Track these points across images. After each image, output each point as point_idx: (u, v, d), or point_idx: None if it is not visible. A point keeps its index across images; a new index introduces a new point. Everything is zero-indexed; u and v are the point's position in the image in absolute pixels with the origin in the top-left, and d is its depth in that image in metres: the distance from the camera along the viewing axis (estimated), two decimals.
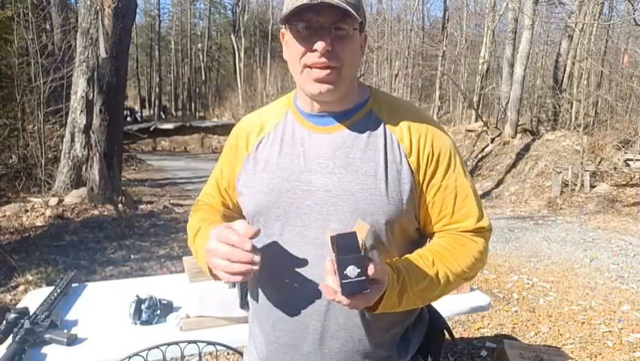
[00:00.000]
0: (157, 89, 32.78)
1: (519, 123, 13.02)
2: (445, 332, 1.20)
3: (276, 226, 1.02)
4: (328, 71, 0.94)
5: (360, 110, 1.05)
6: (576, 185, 9.18)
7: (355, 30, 0.96)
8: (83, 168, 7.50)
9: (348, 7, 0.90)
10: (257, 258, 0.87)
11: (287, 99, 1.12)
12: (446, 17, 18.60)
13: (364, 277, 0.81)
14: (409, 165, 1.01)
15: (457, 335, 3.37)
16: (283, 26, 0.98)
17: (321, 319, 1.01)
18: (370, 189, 0.99)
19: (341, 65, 0.95)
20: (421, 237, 1.11)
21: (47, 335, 1.53)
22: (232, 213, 1.19)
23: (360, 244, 0.82)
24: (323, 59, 0.93)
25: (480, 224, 1.06)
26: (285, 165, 1.03)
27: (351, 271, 0.80)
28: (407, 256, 1.02)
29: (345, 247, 0.81)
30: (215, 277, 0.98)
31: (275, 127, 1.08)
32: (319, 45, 0.92)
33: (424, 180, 1.03)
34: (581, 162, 9.46)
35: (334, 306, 0.95)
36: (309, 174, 1.01)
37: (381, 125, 1.04)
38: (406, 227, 1.04)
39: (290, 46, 0.97)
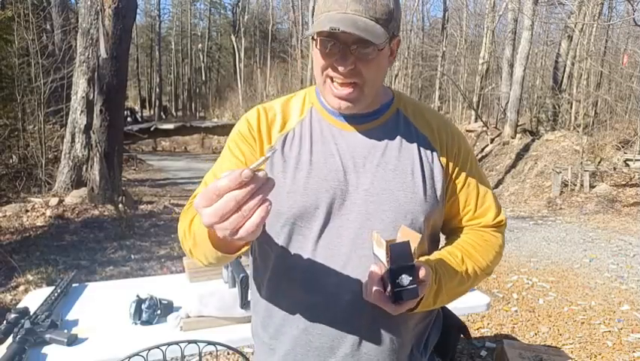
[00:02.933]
0: (157, 90, 32.77)
1: (519, 123, 13.03)
2: (459, 330, 1.22)
3: (314, 228, 0.98)
4: (350, 90, 0.94)
5: (387, 110, 1.05)
6: (576, 185, 9.17)
7: (382, 50, 0.93)
8: (84, 169, 7.50)
9: (372, 34, 0.87)
10: (262, 174, 0.67)
11: (307, 94, 1.08)
12: (446, 18, 18.61)
13: (416, 285, 0.82)
14: (440, 163, 1.03)
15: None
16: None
17: (361, 321, 0.98)
18: (409, 187, 0.99)
19: (363, 82, 0.94)
20: (439, 238, 1.13)
21: (47, 335, 1.53)
22: None
23: (412, 252, 0.82)
24: (343, 79, 0.93)
25: (499, 218, 1.10)
26: (320, 163, 0.99)
27: (404, 279, 0.81)
28: (438, 253, 1.03)
29: (398, 255, 0.81)
30: (235, 251, 0.84)
31: (300, 123, 1.04)
32: (341, 67, 0.91)
33: (451, 176, 1.05)
34: (581, 162, 9.46)
35: (373, 307, 0.93)
36: (346, 173, 0.99)
37: (411, 124, 1.04)
38: (436, 226, 1.07)
39: (315, 54, 0.96)
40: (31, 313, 1.63)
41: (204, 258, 0.92)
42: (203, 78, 35.88)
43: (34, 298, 1.85)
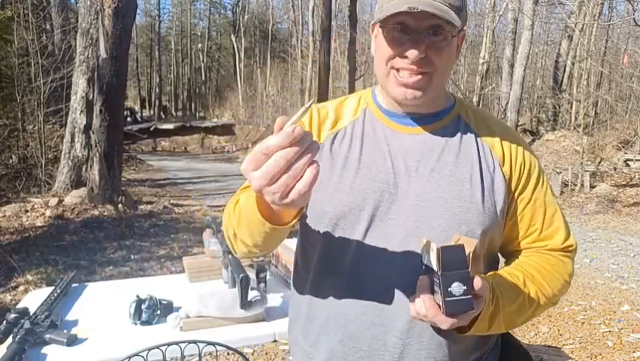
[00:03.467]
0: (157, 90, 32.80)
1: (519, 124, 13.03)
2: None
3: (357, 230, 0.92)
4: (419, 77, 0.87)
5: (448, 114, 0.98)
6: (576, 185, 9.18)
7: (454, 37, 0.88)
8: (83, 169, 7.50)
9: (450, 16, 0.82)
10: (311, 135, 0.64)
11: (362, 95, 1.04)
12: None
13: (470, 296, 0.74)
14: (503, 174, 0.94)
15: None
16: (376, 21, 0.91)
17: (403, 336, 0.90)
18: (466, 196, 0.91)
19: (433, 70, 0.88)
20: (497, 259, 1.03)
21: (47, 335, 1.53)
22: None
23: (467, 258, 0.74)
24: (413, 66, 0.87)
25: (569, 242, 0.99)
26: (370, 163, 0.94)
27: (457, 288, 0.73)
28: (496, 273, 0.93)
29: (451, 260, 0.73)
30: (284, 223, 0.79)
31: (353, 123, 0.99)
32: (412, 54, 0.85)
33: (515, 191, 0.96)
34: (581, 162, 9.46)
35: (418, 322, 0.86)
36: (397, 176, 0.92)
37: (471, 131, 0.97)
38: (494, 242, 0.97)
39: (379, 45, 0.90)
40: (31, 314, 1.62)
41: (250, 237, 0.86)
42: (203, 78, 35.90)
43: (33, 299, 1.84)
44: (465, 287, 0.73)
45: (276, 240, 0.89)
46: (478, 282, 0.76)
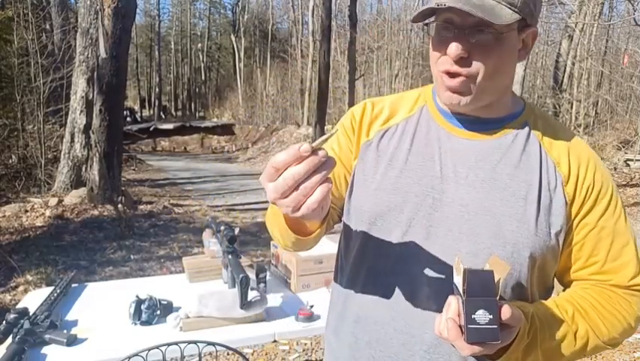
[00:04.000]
0: (157, 89, 32.81)
1: None
2: None
3: (394, 233, 0.87)
4: (461, 79, 0.80)
5: (513, 121, 0.89)
6: None
7: (509, 33, 0.79)
8: (83, 168, 7.50)
9: (492, 14, 0.74)
10: (322, 153, 0.63)
11: (422, 92, 0.97)
12: None
13: (496, 326, 0.67)
14: (564, 195, 0.84)
15: None
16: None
17: (431, 351, 0.86)
18: (518, 213, 0.82)
19: (476, 72, 0.79)
20: (552, 286, 0.93)
21: (47, 336, 1.53)
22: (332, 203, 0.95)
23: (496, 285, 0.69)
24: (455, 67, 0.80)
25: (638, 280, 0.86)
26: (416, 165, 0.88)
27: (481, 316, 0.67)
28: (543, 302, 0.85)
29: (477, 285, 0.68)
30: (308, 234, 0.83)
31: (406, 120, 0.93)
32: (451, 50, 0.78)
33: (577, 215, 0.85)
34: None
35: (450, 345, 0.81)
36: (444, 181, 0.86)
37: (537, 143, 0.88)
38: (546, 268, 0.87)
39: (431, 46, 0.85)
40: (31, 314, 1.62)
41: (282, 239, 0.90)
42: (203, 78, 35.92)
43: (33, 299, 1.84)
44: (491, 316, 0.67)
45: (307, 244, 0.90)
46: (507, 311, 0.69)
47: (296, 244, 0.88)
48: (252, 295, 1.70)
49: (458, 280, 0.72)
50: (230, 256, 1.87)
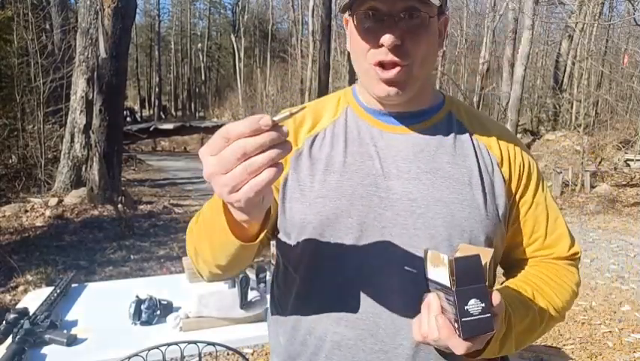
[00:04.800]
0: (157, 89, 32.79)
1: (519, 123, 13.03)
2: None
3: (346, 242, 0.81)
4: (398, 69, 0.78)
5: (438, 112, 0.89)
6: (576, 185, 9.18)
7: (432, 18, 0.78)
8: (83, 168, 7.50)
9: None
10: (285, 129, 0.56)
11: (342, 94, 0.95)
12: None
13: (489, 314, 0.63)
14: (502, 175, 0.86)
15: None
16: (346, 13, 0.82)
17: None
18: (467, 199, 0.82)
19: (412, 62, 0.78)
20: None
21: (47, 336, 1.53)
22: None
23: (484, 269, 0.65)
24: (391, 57, 0.76)
25: (574, 249, 0.92)
26: (356, 165, 0.84)
27: (474, 306, 0.63)
28: (505, 286, 0.86)
29: (465, 273, 0.63)
30: (231, 216, 0.66)
31: (333, 123, 0.89)
32: (386, 39, 0.74)
33: (515, 193, 0.88)
34: (582, 162, 9.46)
35: (424, 347, 0.78)
36: (388, 178, 0.83)
37: (465, 130, 0.89)
38: (496, 249, 0.85)
39: (353, 38, 0.81)
40: (31, 314, 1.62)
41: (213, 252, 0.75)
42: (203, 78, 35.90)
43: (33, 299, 1.84)
44: (483, 304, 0.63)
45: (246, 259, 0.78)
46: (496, 297, 0.66)
47: (233, 259, 0.74)
48: (252, 295, 1.70)
49: (435, 272, 0.67)
50: None
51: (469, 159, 0.85)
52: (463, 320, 0.63)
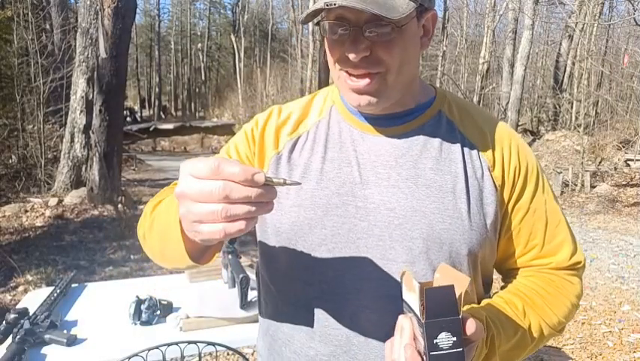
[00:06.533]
0: (157, 89, 32.80)
1: (519, 123, 13.04)
2: None
3: (319, 254, 0.78)
4: (367, 81, 0.73)
5: (426, 111, 0.83)
6: (576, 185, 9.18)
7: (408, 23, 0.72)
8: (83, 169, 7.50)
9: (377, 8, 0.66)
10: (274, 193, 0.56)
11: (328, 92, 0.90)
12: (446, 17, 18.60)
13: (461, 349, 0.59)
14: (493, 181, 0.80)
15: None
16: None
17: None
18: (448, 209, 0.76)
19: (385, 69, 0.73)
20: (492, 279, 0.89)
21: (47, 336, 1.53)
22: None
23: (458, 301, 0.60)
24: (359, 69, 0.73)
25: (575, 258, 0.85)
26: (333, 173, 0.80)
27: (444, 339, 0.59)
28: (491, 302, 0.80)
29: (437, 304, 0.59)
30: (191, 244, 0.65)
31: (316, 125, 0.86)
32: (351, 54, 0.71)
33: (509, 200, 0.81)
34: (582, 162, 9.46)
35: None
36: (365, 186, 0.78)
37: (455, 130, 0.82)
38: (485, 262, 0.83)
39: (327, 46, 0.77)
40: (31, 314, 1.62)
41: (160, 255, 0.76)
42: (203, 78, 35.91)
43: (33, 299, 1.84)
44: (455, 338, 0.58)
45: (188, 267, 0.74)
46: (471, 326, 0.60)
47: (183, 267, 0.72)
48: (252, 295, 1.70)
49: (409, 297, 0.63)
50: (230, 256, 1.86)
51: (455, 164, 0.79)
52: (431, 353, 0.58)
